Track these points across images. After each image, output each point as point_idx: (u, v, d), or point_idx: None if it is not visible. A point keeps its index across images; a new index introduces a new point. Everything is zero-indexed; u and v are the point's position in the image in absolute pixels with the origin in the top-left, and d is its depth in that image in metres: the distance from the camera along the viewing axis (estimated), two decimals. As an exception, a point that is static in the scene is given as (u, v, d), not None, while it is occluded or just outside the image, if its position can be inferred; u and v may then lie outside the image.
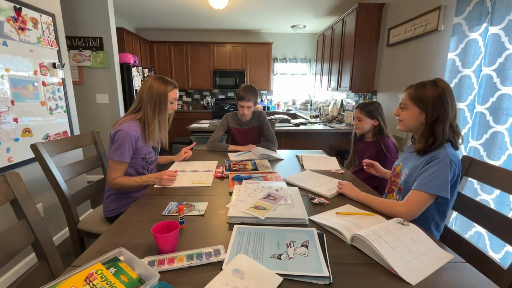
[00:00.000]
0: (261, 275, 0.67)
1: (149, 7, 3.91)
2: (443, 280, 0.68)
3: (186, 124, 4.38)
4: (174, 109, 1.46)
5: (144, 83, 1.38)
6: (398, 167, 1.20)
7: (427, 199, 0.95)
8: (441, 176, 0.95)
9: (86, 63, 3.10)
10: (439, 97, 1.00)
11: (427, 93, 1.02)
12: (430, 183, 0.95)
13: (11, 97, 1.60)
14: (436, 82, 1.03)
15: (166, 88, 1.37)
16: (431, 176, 0.96)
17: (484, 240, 1.55)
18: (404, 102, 1.09)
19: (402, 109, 1.11)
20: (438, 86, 1.01)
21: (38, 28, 1.80)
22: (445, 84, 1.02)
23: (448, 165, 0.96)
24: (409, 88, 1.09)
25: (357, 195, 1.13)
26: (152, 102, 1.35)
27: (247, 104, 1.94)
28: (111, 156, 1.28)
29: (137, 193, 1.42)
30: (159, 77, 1.39)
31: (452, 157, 0.97)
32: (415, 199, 0.97)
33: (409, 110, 1.08)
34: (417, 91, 1.05)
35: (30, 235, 0.82)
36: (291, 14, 4.21)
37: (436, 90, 1.01)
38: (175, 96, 1.42)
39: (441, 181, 0.94)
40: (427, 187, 0.95)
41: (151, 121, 1.35)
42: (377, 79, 3.08)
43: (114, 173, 1.29)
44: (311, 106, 5.41)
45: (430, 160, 1.00)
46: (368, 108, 1.74)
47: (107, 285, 0.60)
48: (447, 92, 1.01)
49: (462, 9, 1.69)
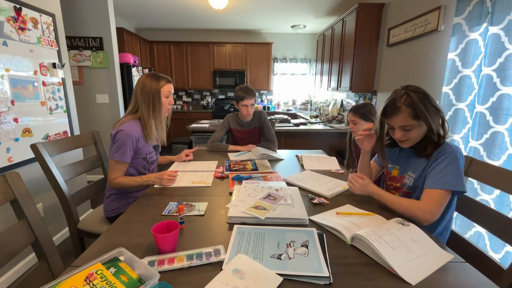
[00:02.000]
0: (261, 275, 0.67)
1: (149, 7, 3.91)
2: (443, 280, 0.68)
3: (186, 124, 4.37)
4: (171, 103, 1.44)
5: (137, 82, 1.37)
6: (394, 171, 1.18)
7: (445, 195, 0.92)
8: (453, 171, 0.93)
9: (86, 63, 3.10)
10: (427, 100, 0.98)
11: (419, 104, 0.97)
12: (443, 179, 0.93)
13: (11, 97, 1.60)
14: (409, 89, 1.00)
15: (158, 84, 1.36)
16: (442, 172, 0.94)
17: (484, 240, 1.55)
18: (408, 124, 1.00)
19: (407, 131, 1.02)
20: (418, 91, 0.99)
21: (38, 28, 1.80)
22: (417, 87, 1.01)
23: (457, 158, 0.95)
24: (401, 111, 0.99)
25: (367, 188, 1.07)
26: (146, 100, 1.34)
27: (250, 101, 1.95)
28: (112, 156, 1.28)
29: (138, 193, 1.42)
30: (151, 74, 1.39)
31: (458, 150, 0.97)
32: (432, 198, 0.93)
33: (416, 128, 1.01)
34: (413, 108, 0.97)
35: (30, 235, 0.82)
36: (291, 14, 4.21)
37: (421, 95, 0.98)
38: (169, 90, 1.40)
39: (454, 175, 0.92)
40: (441, 184, 0.93)
41: (147, 119, 1.35)
42: (377, 79, 3.08)
43: (115, 173, 1.29)
44: (311, 106, 5.41)
45: (437, 157, 0.98)
46: (362, 111, 1.73)
47: (107, 285, 0.60)
48: (425, 92, 0.99)
49: (462, 9, 1.69)
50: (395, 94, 1.03)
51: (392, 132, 1.07)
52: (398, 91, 1.03)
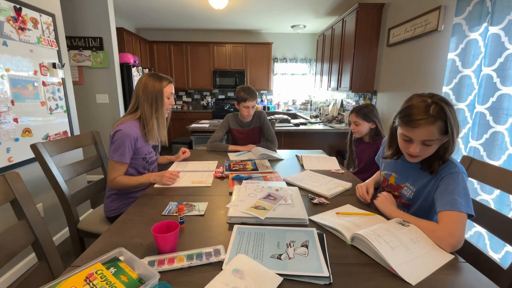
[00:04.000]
0: (261, 275, 0.67)
1: (149, 7, 3.91)
2: (443, 280, 0.68)
3: (186, 124, 4.37)
4: (172, 104, 1.45)
5: (138, 82, 1.37)
6: (391, 178, 1.12)
7: (463, 217, 0.83)
8: (462, 193, 0.86)
9: (86, 63, 3.10)
10: (455, 113, 0.87)
11: (451, 118, 0.85)
12: (455, 201, 0.85)
13: (11, 97, 1.60)
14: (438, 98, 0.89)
15: (161, 84, 1.37)
16: (453, 194, 0.86)
17: (484, 240, 1.55)
18: (433, 139, 0.88)
19: (427, 146, 0.90)
20: (447, 102, 0.87)
21: (38, 28, 1.80)
22: (441, 96, 0.90)
23: (464, 179, 0.89)
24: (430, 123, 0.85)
25: (391, 213, 0.97)
26: (149, 100, 1.35)
27: (251, 103, 1.96)
28: (111, 157, 1.28)
29: (138, 193, 1.42)
30: (153, 74, 1.39)
31: (463, 170, 0.92)
32: (452, 220, 0.83)
33: (437, 144, 0.90)
34: (445, 121, 0.86)
35: (30, 235, 0.82)
36: (291, 14, 4.21)
37: (451, 108, 0.87)
38: (171, 91, 1.42)
39: (464, 197, 0.86)
40: (456, 206, 0.84)
41: (149, 119, 1.35)
42: (377, 79, 3.08)
43: (114, 173, 1.29)
44: (311, 106, 5.41)
45: (442, 176, 0.92)
46: (363, 111, 1.73)
47: (107, 285, 0.60)
48: (450, 102, 0.89)
49: (462, 9, 1.69)
50: (422, 101, 0.89)
51: (406, 145, 0.94)
52: (424, 98, 0.89)
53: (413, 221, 0.90)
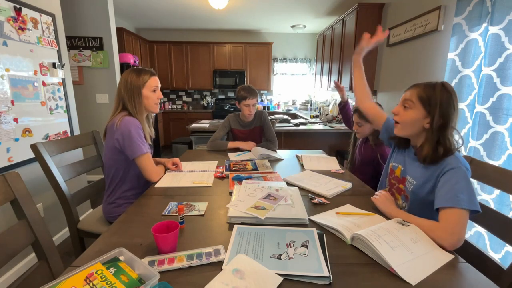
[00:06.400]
0: (261, 275, 0.67)
1: (149, 7, 3.91)
2: (443, 280, 0.68)
3: (186, 124, 4.37)
4: (160, 97, 1.36)
5: (120, 80, 1.30)
6: (397, 170, 1.13)
7: (464, 214, 0.82)
8: (465, 188, 0.85)
9: (86, 63, 3.10)
10: (448, 101, 0.92)
11: (437, 95, 0.93)
12: (457, 197, 0.84)
13: (11, 97, 1.60)
14: (444, 85, 0.95)
15: (142, 79, 1.28)
16: (454, 189, 0.85)
17: (484, 240, 1.55)
18: (410, 100, 0.97)
19: (405, 108, 0.99)
20: (448, 90, 0.93)
21: (38, 28, 1.80)
22: (452, 88, 0.95)
23: (466, 175, 0.88)
24: (416, 87, 0.98)
25: (391, 213, 0.97)
26: (132, 97, 1.27)
27: (252, 101, 1.96)
28: (140, 152, 1.24)
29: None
30: (133, 69, 1.30)
31: (466, 166, 0.90)
32: (452, 219, 0.82)
33: (413, 110, 0.97)
34: (426, 91, 0.95)
35: (30, 235, 0.82)
36: (291, 14, 4.21)
37: (446, 94, 0.93)
38: (155, 84, 1.32)
39: (467, 193, 0.84)
40: (457, 202, 0.83)
41: (139, 116, 1.31)
42: (377, 79, 3.08)
43: (150, 163, 1.29)
44: (311, 106, 5.41)
45: (444, 172, 0.91)
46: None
47: (107, 285, 0.60)
48: (455, 97, 0.93)
49: (462, 9, 1.69)
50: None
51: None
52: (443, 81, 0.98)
53: (413, 220, 0.89)
